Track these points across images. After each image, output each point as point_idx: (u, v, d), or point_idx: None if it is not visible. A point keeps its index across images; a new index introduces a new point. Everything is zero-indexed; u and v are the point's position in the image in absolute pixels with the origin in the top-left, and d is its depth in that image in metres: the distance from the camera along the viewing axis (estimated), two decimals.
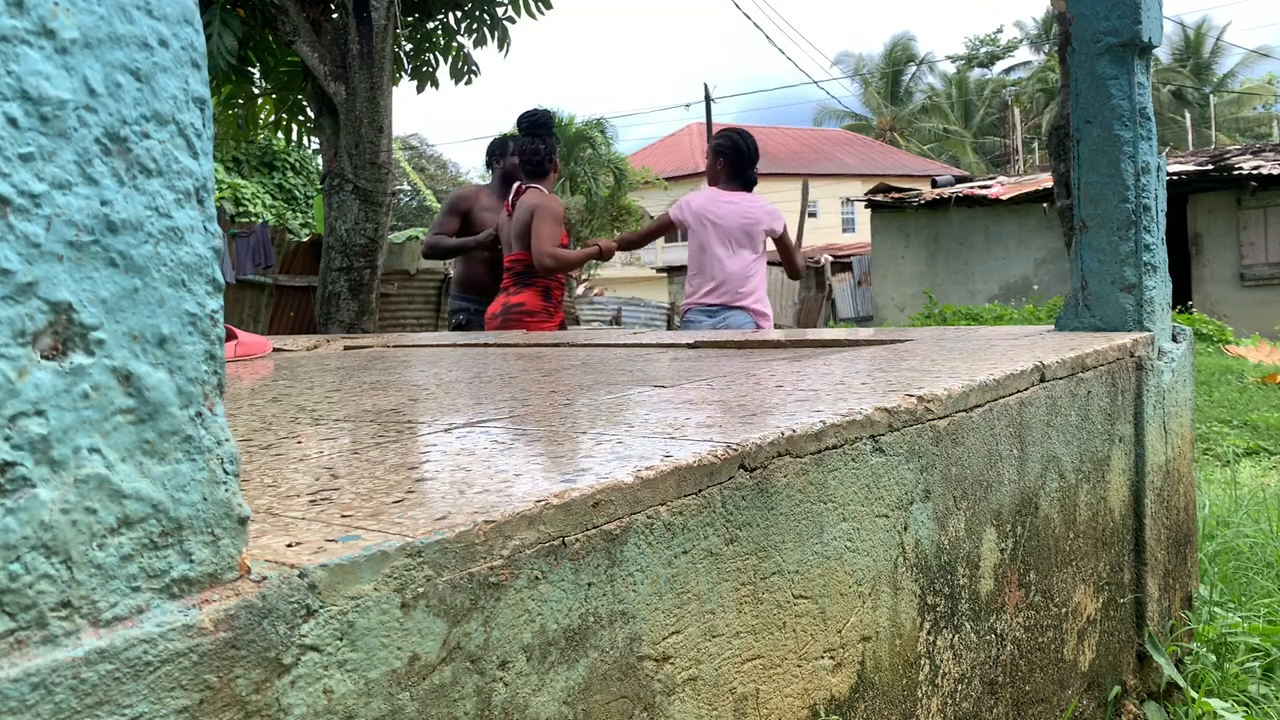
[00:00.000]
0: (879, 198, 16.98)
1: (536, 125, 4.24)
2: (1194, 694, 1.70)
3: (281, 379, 2.12)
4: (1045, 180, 14.95)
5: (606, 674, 0.78)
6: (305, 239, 12.51)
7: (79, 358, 0.50)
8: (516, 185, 4.27)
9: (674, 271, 28.00)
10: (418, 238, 16.37)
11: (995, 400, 1.33)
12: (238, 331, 2.91)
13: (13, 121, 0.47)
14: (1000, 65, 46.56)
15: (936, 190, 16.56)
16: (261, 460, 1.01)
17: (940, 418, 1.21)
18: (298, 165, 19.09)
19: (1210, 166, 14.15)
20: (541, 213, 4.08)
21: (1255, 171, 13.49)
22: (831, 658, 1.03)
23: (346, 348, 3.31)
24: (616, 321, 18.47)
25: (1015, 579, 1.38)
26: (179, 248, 0.55)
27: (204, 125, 0.56)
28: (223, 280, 0.58)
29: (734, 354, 2.21)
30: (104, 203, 0.51)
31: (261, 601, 0.56)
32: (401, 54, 8.31)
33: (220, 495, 0.57)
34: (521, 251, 4.15)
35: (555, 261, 4.05)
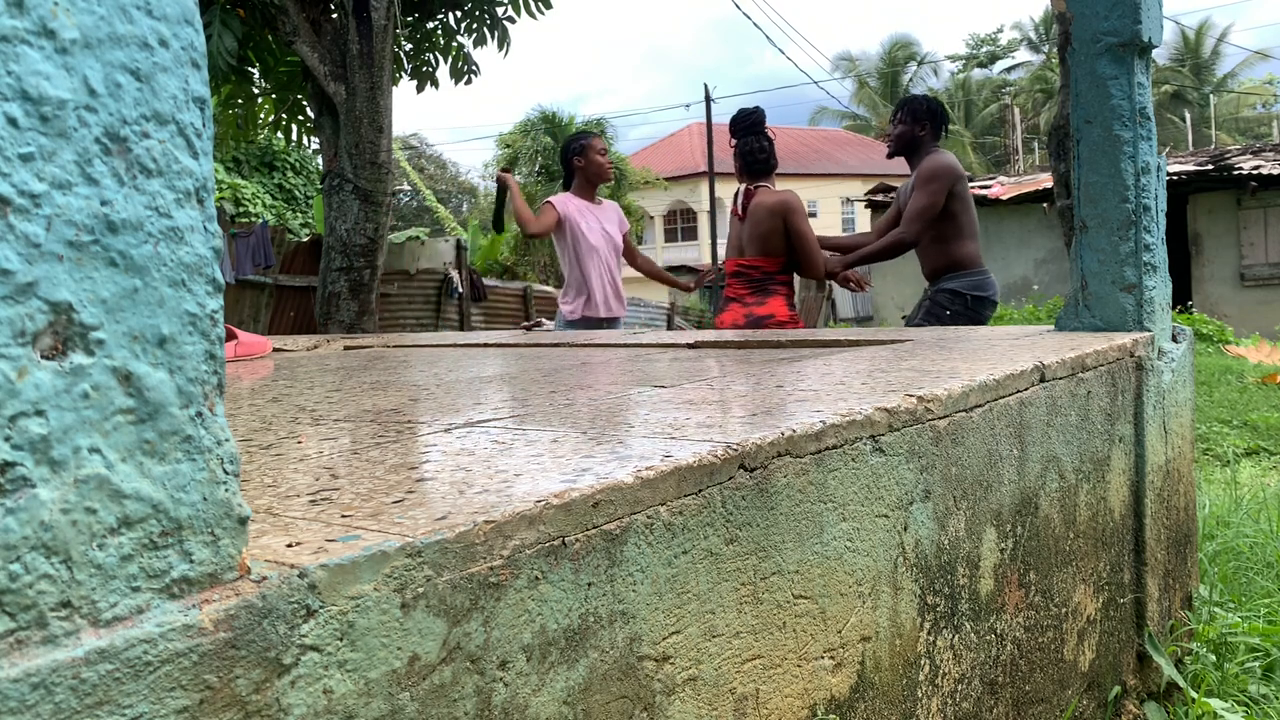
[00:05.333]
0: (879, 198, 16.97)
1: (754, 124, 4.14)
2: (1194, 694, 1.70)
3: (281, 379, 2.12)
4: (1045, 180, 14.95)
5: (606, 674, 0.78)
6: (305, 239, 12.52)
7: (79, 358, 0.50)
8: (744, 187, 4.13)
9: (674, 271, 27.98)
10: (418, 238, 16.37)
11: (995, 400, 1.33)
12: (238, 331, 2.92)
13: (13, 121, 0.47)
14: (1000, 65, 46.57)
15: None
16: (261, 460, 1.01)
17: (940, 418, 1.21)
18: (298, 165, 19.10)
19: (1210, 166, 14.15)
20: (796, 215, 3.98)
21: (1255, 171, 13.49)
22: (831, 658, 1.02)
23: (346, 348, 3.31)
24: None
25: (1015, 579, 1.38)
26: (179, 248, 0.55)
27: (204, 125, 0.56)
28: (223, 280, 0.58)
29: (734, 354, 2.21)
30: (104, 203, 0.51)
31: (261, 601, 0.56)
32: (401, 54, 8.31)
33: (220, 495, 0.57)
34: (759, 257, 4.02)
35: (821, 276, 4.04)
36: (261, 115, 8.73)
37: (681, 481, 0.86)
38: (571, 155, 4.53)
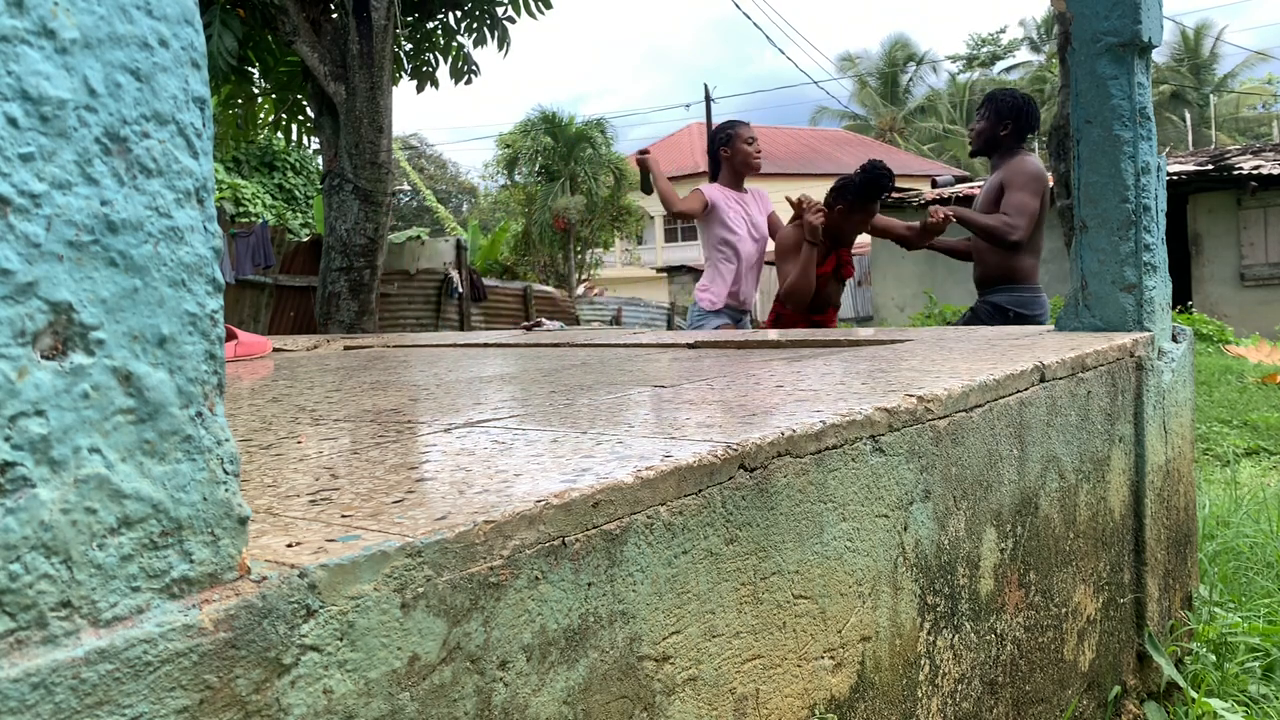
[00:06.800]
0: None
1: (866, 164, 3.96)
2: (1194, 694, 1.70)
3: (281, 379, 2.12)
4: None
5: (606, 674, 0.78)
6: (305, 239, 12.52)
7: (79, 358, 0.50)
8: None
9: (674, 272, 27.98)
10: (419, 238, 16.37)
11: (995, 400, 1.33)
12: (238, 331, 2.92)
13: (13, 121, 0.47)
14: (999, 65, 46.59)
15: (936, 190, 16.54)
16: (261, 460, 1.01)
17: (940, 418, 1.21)
18: (298, 165, 19.10)
19: (1210, 166, 14.14)
20: (779, 251, 3.99)
21: (1255, 171, 13.48)
22: (831, 658, 1.02)
23: (346, 348, 3.32)
24: (616, 321, 18.47)
25: (1015, 579, 1.38)
26: (179, 248, 0.55)
27: (204, 125, 0.56)
28: (223, 280, 0.58)
29: (734, 354, 2.21)
30: (104, 203, 0.51)
31: (261, 601, 0.56)
32: (401, 54, 8.32)
33: (220, 495, 0.57)
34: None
35: (792, 302, 3.93)
36: (261, 115, 8.74)
37: (681, 481, 0.86)
38: (718, 146, 4.36)
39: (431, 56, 8.50)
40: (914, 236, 4.09)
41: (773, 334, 2.80)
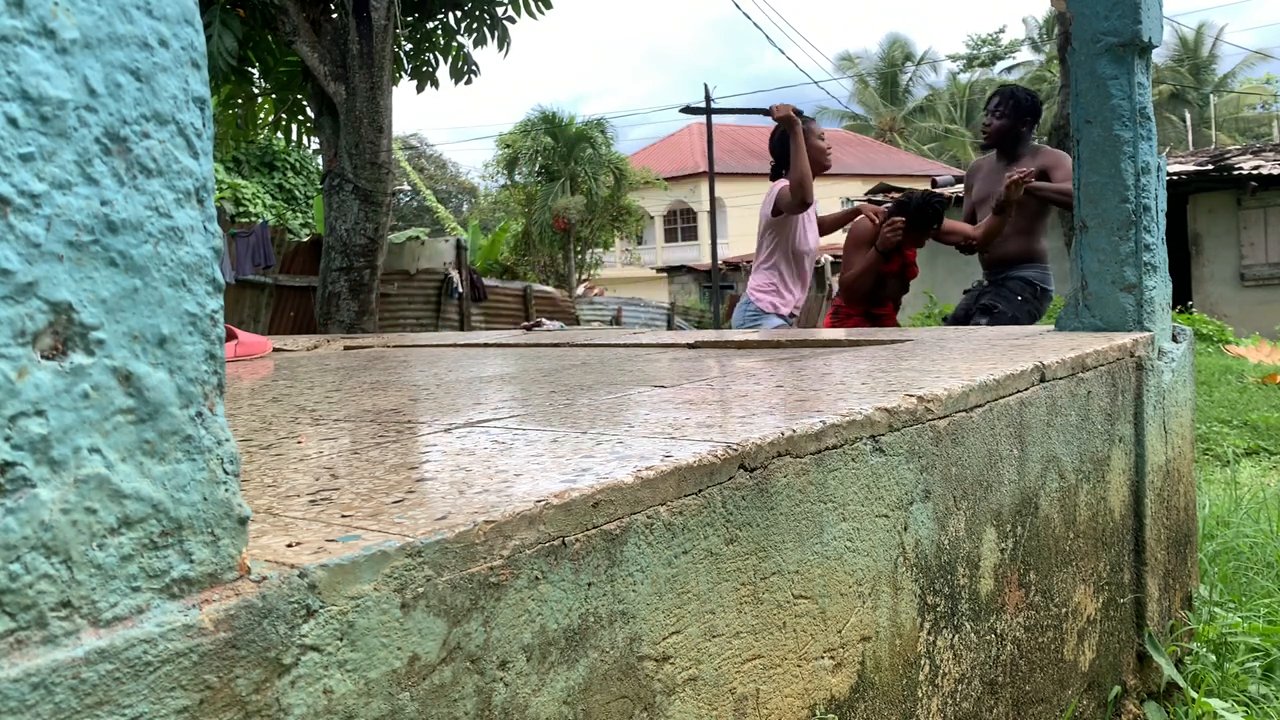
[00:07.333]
0: (879, 198, 16.96)
1: (918, 202, 4.22)
2: (1194, 694, 1.70)
3: (281, 379, 2.12)
4: None
5: (606, 674, 0.78)
6: (305, 239, 12.52)
7: (79, 358, 0.50)
8: None
9: (674, 272, 27.97)
10: (419, 238, 16.38)
11: (995, 400, 1.33)
12: (238, 331, 2.92)
13: (13, 121, 0.47)
14: (1000, 65, 46.58)
15: (936, 190, 16.53)
16: (261, 460, 1.01)
17: (940, 418, 1.21)
18: (298, 165, 19.11)
19: (1210, 166, 14.14)
20: (851, 241, 4.26)
21: (1255, 171, 13.48)
22: (831, 658, 1.02)
23: (346, 348, 3.32)
24: (616, 321, 18.47)
25: (1015, 579, 1.38)
26: (179, 248, 0.55)
27: (204, 125, 0.56)
28: (223, 280, 0.58)
29: (734, 354, 2.21)
30: (104, 203, 0.51)
31: (261, 601, 0.56)
32: (401, 54, 8.32)
33: (220, 495, 0.57)
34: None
35: (846, 295, 4.23)
36: (261, 115, 8.74)
37: (681, 481, 0.86)
38: (788, 141, 4.04)
39: (431, 56, 8.51)
40: (978, 231, 4.28)
41: (774, 334, 2.80)
